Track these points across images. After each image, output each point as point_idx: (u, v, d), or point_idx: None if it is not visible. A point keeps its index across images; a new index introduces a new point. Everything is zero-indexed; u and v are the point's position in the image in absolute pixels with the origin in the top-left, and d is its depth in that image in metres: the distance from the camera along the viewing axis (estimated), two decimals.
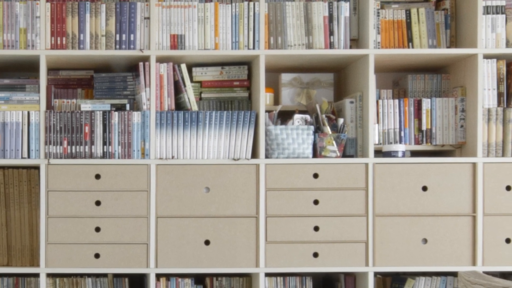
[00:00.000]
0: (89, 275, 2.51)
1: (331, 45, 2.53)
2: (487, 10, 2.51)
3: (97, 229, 2.41)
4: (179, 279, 2.49)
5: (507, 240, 2.44)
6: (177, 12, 2.47)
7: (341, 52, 2.52)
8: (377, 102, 2.58)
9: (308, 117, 2.57)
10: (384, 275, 2.65)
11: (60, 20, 2.43)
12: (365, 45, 2.53)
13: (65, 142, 2.41)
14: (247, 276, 2.56)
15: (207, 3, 2.49)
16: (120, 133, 2.42)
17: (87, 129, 2.42)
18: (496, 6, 2.51)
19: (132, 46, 2.47)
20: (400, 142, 2.59)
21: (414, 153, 2.65)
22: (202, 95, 2.64)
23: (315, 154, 2.51)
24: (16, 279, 2.48)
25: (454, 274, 2.51)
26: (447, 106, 2.59)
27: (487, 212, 2.46)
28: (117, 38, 2.46)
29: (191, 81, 2.58)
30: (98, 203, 2.41)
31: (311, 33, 2.53)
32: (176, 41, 2.48)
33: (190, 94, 2.50)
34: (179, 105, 2.53)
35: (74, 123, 2.41)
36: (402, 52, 2.53)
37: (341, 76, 2.86)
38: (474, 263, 2.45)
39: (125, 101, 2.54)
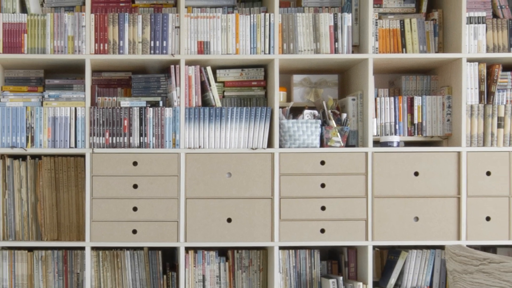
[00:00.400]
0: (127, 248, 2.65)
1: (335, 50, 2.67)
2: (470, 20, 2.65)
3: (135, 209, 2.55)
4: (205, 252, 2.64)
5: (487, 218, 2.59)
6: (203, 22, 2.61)
7: (344, 57, 2.66)
8: (375, 99, 2.72)
9: (316, 112, 2.69)
10: (381, 248, 2.80)
11: (103, 29, 2.58)
12: (365, 50, 2.67)
13: (107, 133, 2.56)
14: (263, 249, 2.69)
15: (229, 14, 2.62)
16: (154, 126, 2.56)
17: (126, 122, 2.56)
18: (478, 17, 2.65)
19: (164, 51, 2.60)
20: (395, 134, 2.73)
21: (407, 143, 2.79)
22: (225, 93, 2.77)
23: (322, 144, 2.65)
24: (65, 251, 2.64)
25: (441, 247, 2.66)
26: (435, 103, 2.72)
27: (470, 194, 2.61)
28: (152, 44, 2.59)
29: (215, 81, 2.72)
30: (135, 186, 2.55)
31: (319, 40, 2.65)
32: (203, 47, 2.61)
33: (214, 93, 2.64)
34: (205, 102, 2.67)
35: (114, 117, 2.56)
36: (397, 56, 2.68)
37: (344, 77, 2.98)
38: (458, 238, 2.59)
39: (158, 98, 2.66)
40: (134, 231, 2.56)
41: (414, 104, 2.71)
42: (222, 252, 2.71)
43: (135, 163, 2.56)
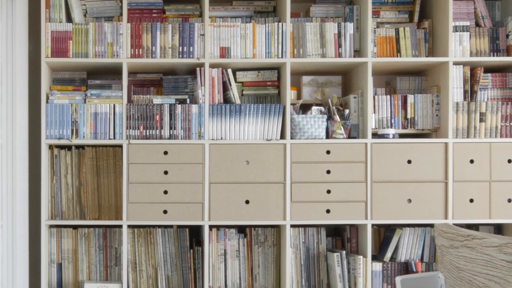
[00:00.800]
0: (159, 226, 2.78)
1: (339, 55, 2.76)
2: (456, 28, 2.76)
3: (165, 192, 2.68)
4: (226, 229, 2.77)
5: (471, 200, 2.71)
6: (225, 30, 2.73)
7: (347, 60, 2.74)
8: (373, 97, 2.80)
9: (322, 108, 2.80)
10: (379, 226, 2.89)
11: (138, 36, 2.71)
12: (364, 55, 2.76)
13: (141, 127, 2.70)
14: (277, 227, 2.82)
15: (247, 24, 2.74)
16: (182, 120, 2.70)
17: (157, 117, 2.70)
18: (463, 26, 2.76)
19: (191, 56, 2.72)
20: (391, 127, 2.81)
21: (401, 135, 2.88)
22: (244, 92, 2.87)
23: (327, 136, 2.76)
24: (105, 229, 2.79)
25: (431, 225, 2.78)
26: (426, 100, 2.82)
27: (456, 180, 2.72)
28: (180, 50, 2.71)
29: (235, 81, 2.82)
30: (166, 172, 2.68)
31: (325, 46, 2.76)
32: (224, 52, 2.73)
33: (234, 91, 2.77)
34: (226, 99, 2.80)
35: (147, 113, 2.70)
36: (392, 60, 2.76)
37: (347, 78, 3.05)
38: (446, 217, 2.71)
39: (186, 96, 2.78)
40: (165, 211, 2.68)
41: (407, 101, 2.80)
42: (241, 229, 2.84)
43: (165, 153, 2.69)
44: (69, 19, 2.80)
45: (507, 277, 1.25)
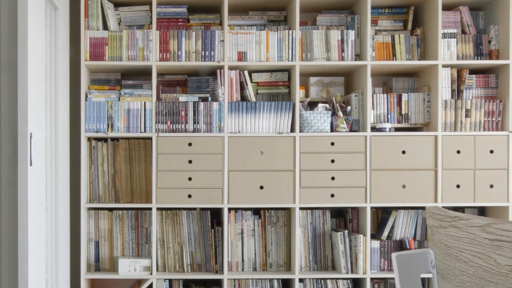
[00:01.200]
0: (184, 208, 2.98)
1: (342, 58, 2.89)
2: (444, 35, 2.91)
3: (190, 179, 2.85)
4: (243, 211, 2.97)
5: (457, 186, 2.86)
6: (242, 37, 2.90)
7: (349, 63, 2.88)
8: (372, 95, 2.93)
9: (327, 105, 2.93)
10: (377, 208, 3.05)
11: (166, 42, 2.89)
12: (364, 58, 2.89)
13: (168, 121, 2.88)
14: (287, 210, 2.99)
15: (262, 31, 2.90)
16: (205, 116, 2.86)
17: (182, 113, 2.88)
18: (450, 33, 2.91)
19: (212, 59, 2.88)
20: (387, 122, 2.93)
21: (397, 129, 3.00)
22: (258, 91, 3.03)
23: (332, 130, 2.89)
24: (136, 211, 3.00)
25: (422, 208, 2.92)
26: (418, 98, 2.96)
27: (444, 168, 2.86)
28: (202, 54, 2.88)
29: (251, 81, 2.98)
30: (190, 161, 2.85)
31: (329, 50, 2.90)
32: (241, 56, 2.89)
33: (250, 90, 2.92)
34: (243, 98, 2.95)
35: (174, 109, 2.87)
36: (388, 63, 2.89)
37: (349, 79, 3.16)
38: (436, 201, 2.82)
39: (207, 95, 2.95)
40: (189, 196, 2.86)
41: (402, 99, 2.95)
42: (256, 211, 3.02)
43: (190, 144, 2.85)
44: (105, 27, 2.99)
45: (489, 253, 1.29)
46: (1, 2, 2.25)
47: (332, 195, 2.90)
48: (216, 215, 3.13)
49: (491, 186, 2.91)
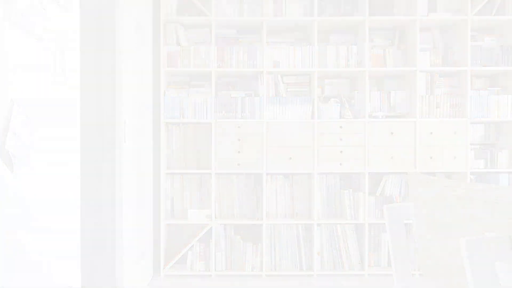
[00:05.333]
0: (234, 173, 3.91)
1: (348, 66, 3.79)
2: (421, 49, 3.77)
3: (238, 152, 3.80)
4: (277, 176, 3.90)
5: (430, 158, 3.76)
6: (277, 50, 3.82)
7: (353, 69, 3.72)
8: (369, 92, 3.80)
9: (337, 99, 3.84)
10: (373, 174, 3.94)
11: (221, 54, 3.84)
12: (364, 66, 3.74)
13: (223, 111, 3.81)
14: (309, 174, 3.92)
15: (291, 46, 3.81)
16: (249, 107, 3.80)
17: (234, 105, 3.83)
18: (426, 47, 3.79)
19: (255, 66, 3.79)
20: (380, 111, 3.81)
21: (387, 116, 3.81)
22: (287, 89, 3.94)
23: (340, 117, 3.81)
24: (201, 175, 3.95)
25: (405, 173, 3.79)
26: (402, 94, 3.86)
27: (421, 145, 3.75)
28: (248, 62, 3.82)
29: (282, 82, 3.90)
30: (239, 140, 3.79)
31: (339, 60, 3.85)
32: (275, 64, 3.81)
33: (282, 89, 3.87)
34: (277, 94, 3.88)
35: (227, 102, 3.80)
36: (381, 69, 3.71)
37: (353, 80, 3.97)
38: (415, 168, 3.69)
39: (252, 92, 3.89)
40: (238, 164, 3.79)
41: (391, 95, 3.84)
42: (286, 176, 3.90)
43: (239, 127, 3.76)
44: (178, 43, 3.96)
45: (456, 207, 1.61)
46: (104, 28, 3.24)
47: (341, 164, 3.81)
48: (258, 178, 3.95)
49: (454, 157, 3.82)
